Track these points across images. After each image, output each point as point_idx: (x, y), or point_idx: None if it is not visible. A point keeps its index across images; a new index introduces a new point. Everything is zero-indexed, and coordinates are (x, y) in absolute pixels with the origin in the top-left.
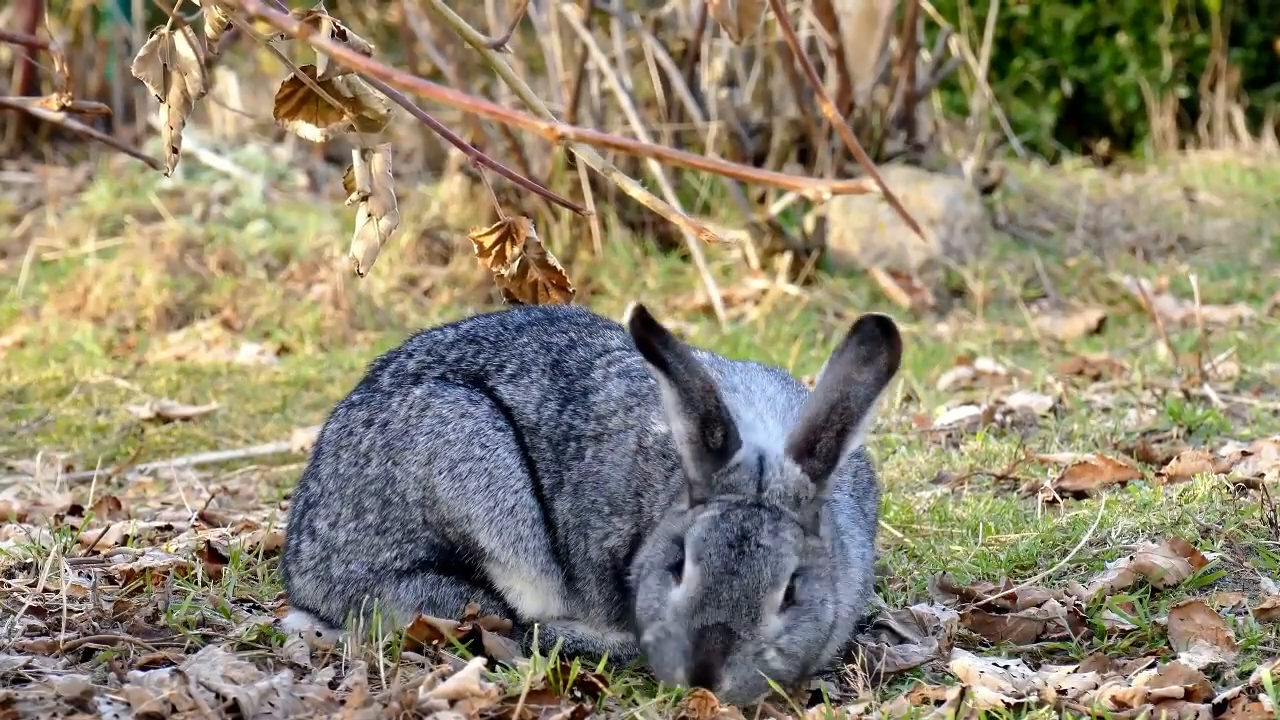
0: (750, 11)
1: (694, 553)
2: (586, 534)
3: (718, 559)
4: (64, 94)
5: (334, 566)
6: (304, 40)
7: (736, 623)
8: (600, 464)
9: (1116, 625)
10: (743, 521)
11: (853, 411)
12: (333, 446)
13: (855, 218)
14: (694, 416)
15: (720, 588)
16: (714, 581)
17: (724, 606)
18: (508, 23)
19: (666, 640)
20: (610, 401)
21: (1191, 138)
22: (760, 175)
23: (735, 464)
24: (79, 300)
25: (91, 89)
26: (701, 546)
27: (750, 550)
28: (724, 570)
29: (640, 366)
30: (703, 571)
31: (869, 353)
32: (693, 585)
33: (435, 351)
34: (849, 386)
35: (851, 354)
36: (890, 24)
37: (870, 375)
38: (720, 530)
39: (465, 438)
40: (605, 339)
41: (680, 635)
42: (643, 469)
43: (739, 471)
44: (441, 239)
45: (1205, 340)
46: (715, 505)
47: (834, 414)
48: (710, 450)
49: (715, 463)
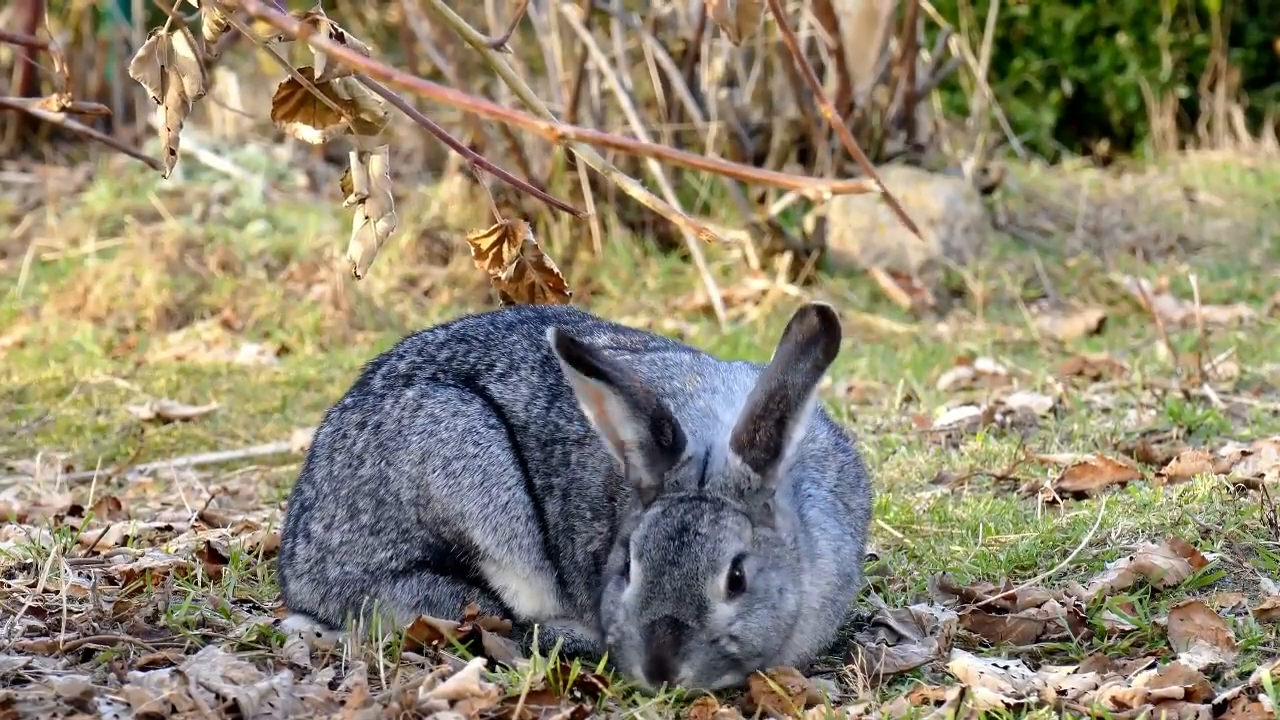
0: (749, 12)
1: (636, 550)
2: (573, 539)
3: (657, 553)
4: (64, 94)
5: (329, 568)
6: (303, 41)
7: (683, 613)
8: (583, 469)
9: (1116, 626)
10: (684, 515)
11: (790, 400)
12: (326, 449)
13: (855, 218)
14: (643, 419)
15: (662, 580)
16: (655, 575)
17: (668, 599)
18: (508, 23)
19: (622, 640)
20: None
21: (1191, 138)
22: (760, 175)
23: (684, 460)
24: (79, 300)
25: (91, 89)
26: (643, 544)
27: (688, 540)
28: (664, 562)
29: (624, 365)
30: (645, 567)
31: (807, 341)
32: (637, 582)
33: (426, 352)
34: (787, 375)
35: (791, 344)
36: (890, 24)
37: (808, 363)
38: (660, 526)
39: (458, 436)
40: (594, 337)
41: (632, 633)
42: (618, 474)
43: (687, 467)
44: (441, 239)
45: (1205, 340)
46: (659, 503)
47: (772, 403)
48: (663, 450)
49: (667, 460)
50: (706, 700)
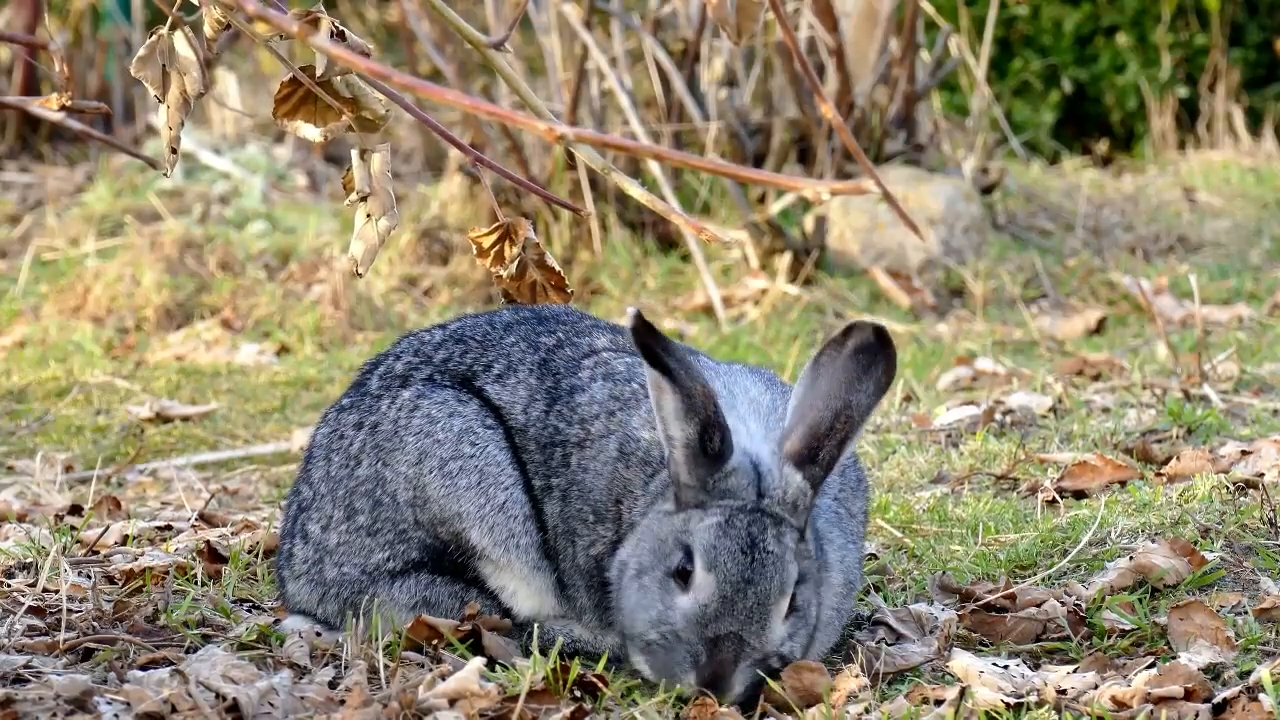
0: (749, 12)
1: (707, 560)
2: (574, 541)
3: (734, 568)
4: (64, 94)
5: (327, 569)
6: (303, 40)
7: (748, 631)
8: (584, 472)
9: (1116, 625)
10: (748, 528)
11: (854, 420)
12: (323, 450)
13: (855, 218)
14: (695, 421)
15: (736, 597)
16: (731, 591)
17: (738, 616)
18: (507, 22)
19: (676, 645)
20: (594, 404)
21: (1191, 138)
22: (760, 176)
23: (731, 469)
24: (79, 300)
25: (91, 89)
26: (714, 554)
27: (760, 558)
28: (740, 580)
29: (625, 370)
30: (719, 580)
31: (867, 361)
32: (707, 593)
33: (423, 353)
34: (851, 395)
35: (849, 362)
36: (890, 24)
37: (871, 385)
38: (730, 537)
39: (454, 436)
40: (593, 338)
41: (693, 642)
42: (624, 476)
43: (736, 476)
44: (441, 239)
45: (1205, 340)
46: (716, 510)
47: (837, 422)
48: (707, 455)
49: (710, 467)
50: (706, 700)
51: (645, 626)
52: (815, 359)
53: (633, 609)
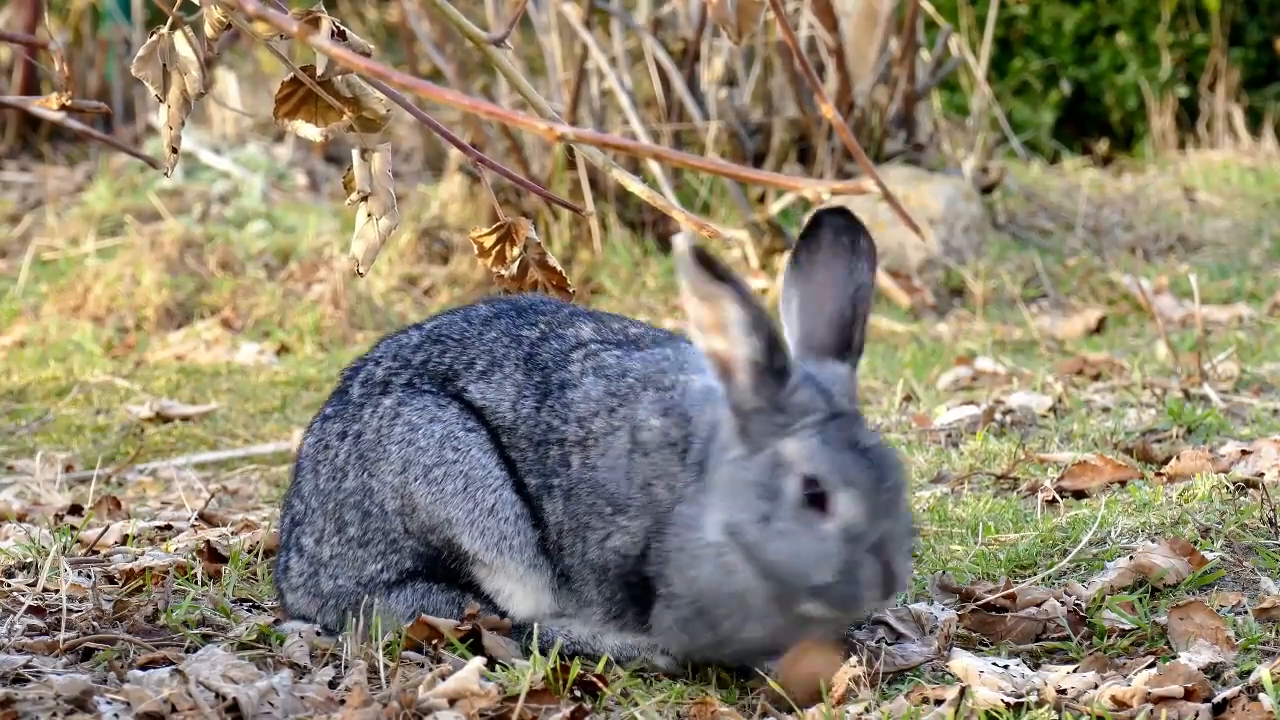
0: (749, 12)
1: (838, 479)
2: (584, 536)
3: (863, 475)
4: (64, 94)
5: (323, 582)
6: (303, 40)
7: (894, 525)
8: (593, 470)
9: (1116, 625)
10: (847, 432)
11: (866, 299)
12: (311, 461)
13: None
14: (761, 335)
15: (877, 500)
16: (872, 497)
17: (883, 516)
18: (507, 21)
19: (849, 570)
20: (589, 401)
21: (1191, 137)
22: (759, 176)
23: (796, 383)
24: (79, 300)
25: (91, 89)
26: (841, 470)
27: (876, 458)
28: (874, 482)
29: (615, 363)
30: (858, 492)
31: (850, 242)
32: (853, 509)
33: (401, 356)
34: (854, 276)
35: (836, 248)
36: (890, 24)
37: (864, 262)
38: (841, 450)
39: (436, 443)
40: (577, 329)
41: (859, 559)
42: (645, 463)
43: (804, 389)
44: (441, 238)
45: (1205, 340)
46: (808, 430)
47: (856, 306)
48: (774, 371)
49: (777, 385)
50: (706, 699)
51: (814, 566)
52: (794, 259)
53: (788, 559)
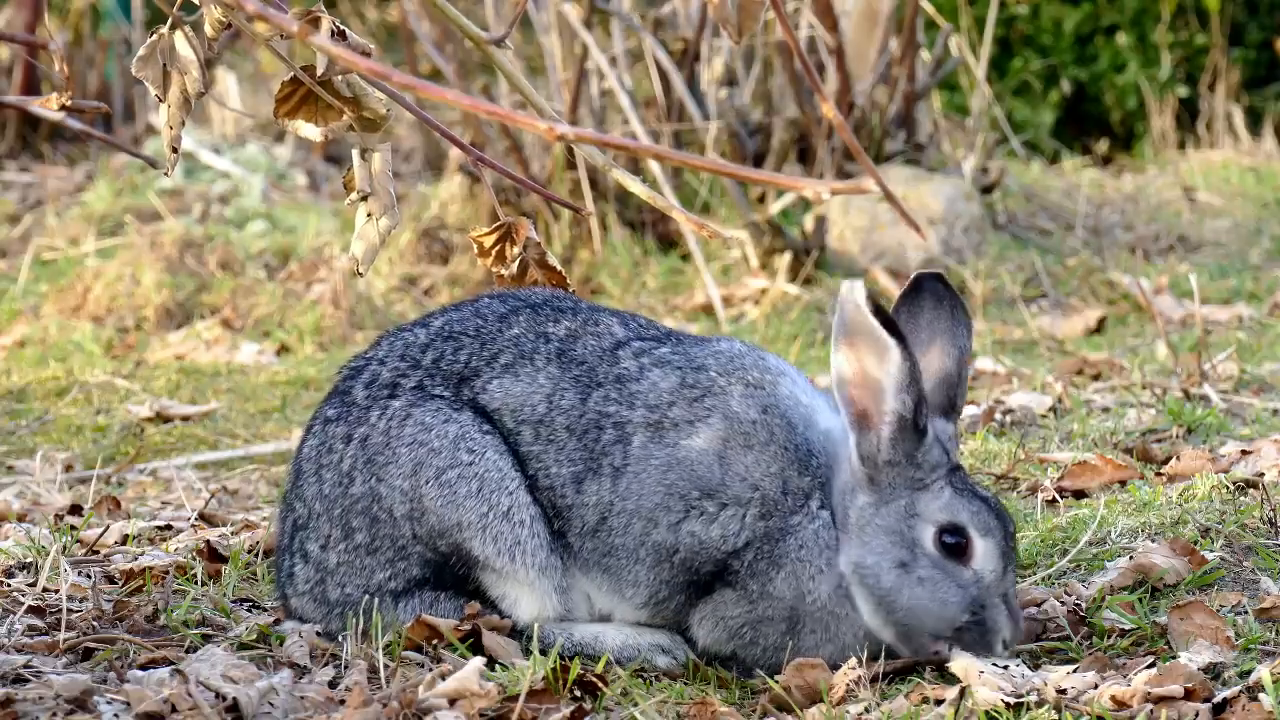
0: (750, 11)
1: (980, 529)
2: (654, 517)
3: (997, 525)
4: (64, 94)
5: (330, 590)
6: (303, 40)
7: (1014, 573)
8: (672, 448)
9: (1116, 625)
10: (971, 485)
11: (968, 362)
12: (313, 465)
13: (855, 217)
14: (913, 393)
15: (1008, 549)
16: (1006, 545)
17: (1011, 564)
18: (507, 21)
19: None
20: (660, 392)
21: (1191, 137)
22: (759, 176)
23: (931, 441)
24: (79, 300)
25: (91, 89)
26: (979, 521)
27: (997, 506)
28: (1006, 533)
29: (680, 359)
30: (999, 540)
31: (950, 306)
32: (994, 558)
33: (409, 355)
34: (957, 340)
35: (939, 311)
36: (890, 24)
37: (963, 327)
38: (974, 502)
39: (450, 444)
40: (608, 326)
41: (996, 604)
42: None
43: (936, 446)
44: (441, 238)
45: (1205, 340)
46: (939, 482)
47: (961, 370)
48: (916, 429)
49: (915, 441)
50: (706, 699)
51: (956, 612)
52: (901, 315)
53: (926, 604)
